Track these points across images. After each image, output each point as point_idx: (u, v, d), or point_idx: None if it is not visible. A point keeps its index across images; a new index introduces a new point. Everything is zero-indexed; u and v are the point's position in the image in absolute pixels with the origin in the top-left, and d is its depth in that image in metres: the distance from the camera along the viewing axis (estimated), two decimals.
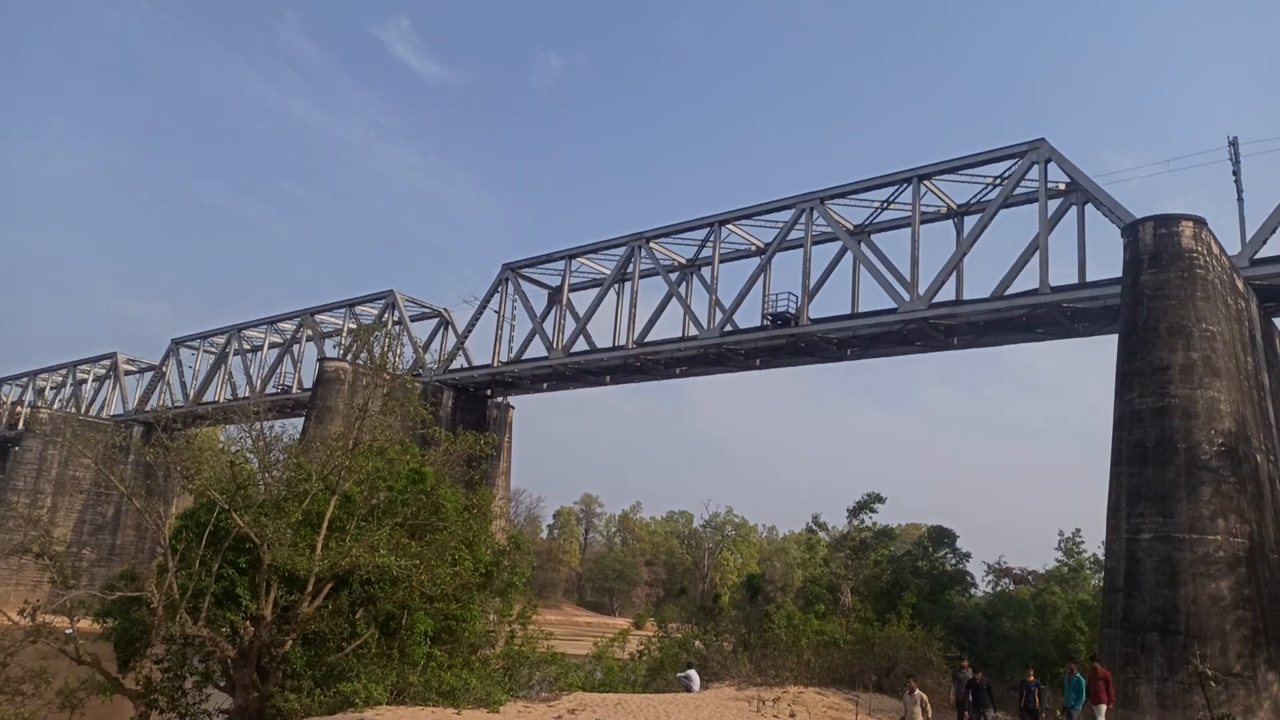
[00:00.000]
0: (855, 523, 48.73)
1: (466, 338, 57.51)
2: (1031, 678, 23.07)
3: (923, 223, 40.20)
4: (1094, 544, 44.07)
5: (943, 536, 43.75)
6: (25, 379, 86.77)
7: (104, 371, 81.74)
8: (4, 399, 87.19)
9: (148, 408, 73.80)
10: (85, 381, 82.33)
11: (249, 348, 71.08)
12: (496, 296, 54.99)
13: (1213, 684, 23.11)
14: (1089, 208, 35.89)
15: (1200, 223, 29.21)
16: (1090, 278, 35.46)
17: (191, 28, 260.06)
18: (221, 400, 67.31)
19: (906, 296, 38.40)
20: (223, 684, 19.55)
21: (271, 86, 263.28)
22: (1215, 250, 29.59)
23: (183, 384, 72.58)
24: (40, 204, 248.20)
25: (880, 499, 47.21)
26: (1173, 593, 24.82)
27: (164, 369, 75.04)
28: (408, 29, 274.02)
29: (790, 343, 43.06)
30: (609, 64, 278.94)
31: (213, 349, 73.23)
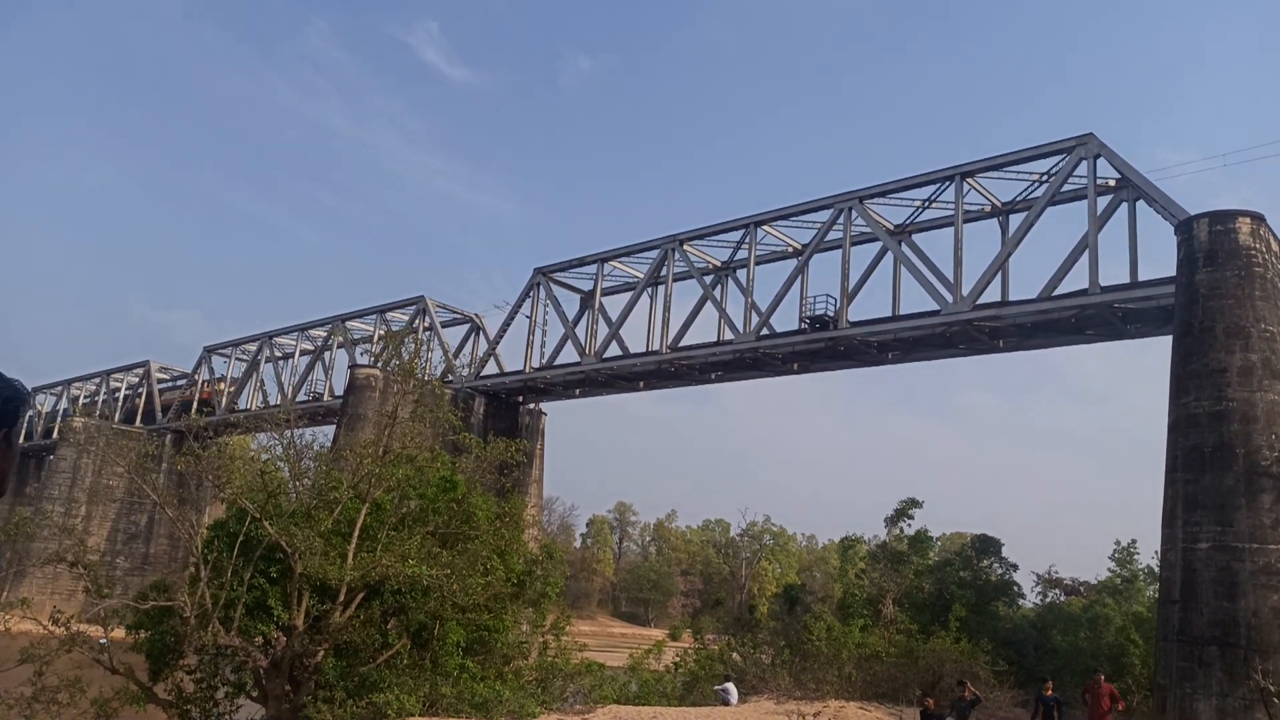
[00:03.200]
0: (894, 531, 48.30)
1: (498, 343, 57.84)
2: (1050, 692, 22.55)
3: (966, 221, 39.83)
4: (1149, 554, 43.19)
5: (987, 546, 43.17)
6: (59, 388, 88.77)
7: (137, 380, 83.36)
8: (39, 408, 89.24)
9: (182, 416, 75.16)
10: (119, 390, 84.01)
11: (280, 355, 72.13)
12: (528, 301, 55.34)
13: (1276, 700, 22.54)
14: (1140, 204, 35.28)
15: (1258, 218, 28.56)
16: (1143, 277, 34.89)
17: (221, 34, 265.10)
18: (253, 408, 68.35)
19: (949, 298, 38.03)
20: (255, 694, 19.80)
21: (300, 93, 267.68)
22: (1275, 247, 28.91)
23: (216, 391, 73.81)
24: (70, 212, 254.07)
25: (916, 503, 46.67)
26: (1232, 605, 24.24)
27: (197, 376, 76.34)
28: (436, 33, 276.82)
29: (829, 346, 42.82)
30: (639, 65, 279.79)
31: (244, 356, 74.39)
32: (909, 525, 44.18)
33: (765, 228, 46.11)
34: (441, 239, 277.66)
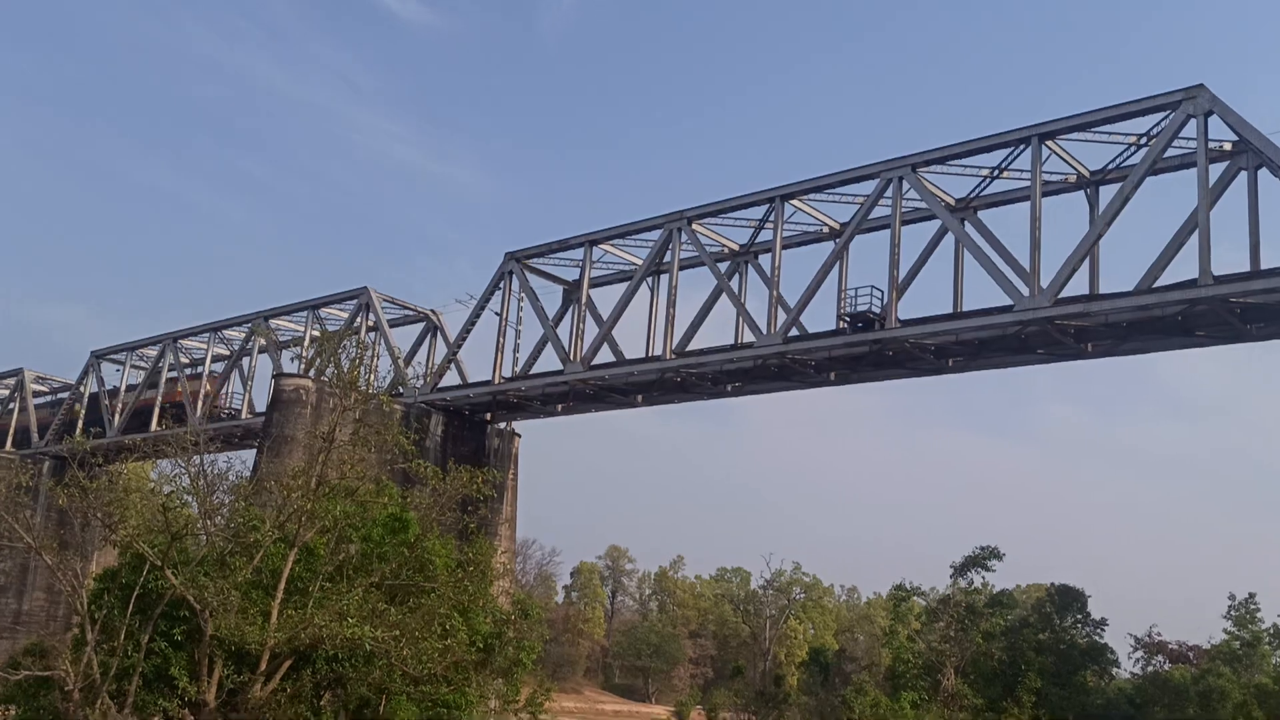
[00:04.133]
0: (961, 584, 48.22)
1: (460, 347, 57.75)
2: None
3: (1046, 195, 39.81)
4: (1276, 612, 43.24)
5: (1070, 599, 43.23)
6: None
7: (7, 392, 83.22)
8: None
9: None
10: None
11: (188, 361, 72.01)
12: (498, 294, 55.31)
13: None
14: (1263, 173, 35.32)
15: None
16: (1267, 264, 34.91)
17: None
18: (154, 428, 68.23)
19: (1025, 290, 38.06)
20: None
21: (222, 41, 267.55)
22: None
23: (106, 407, 73.62)
24: None
25: (996, 554, 46.60)
26: None
27: (82, 388, 76.20)
28: None
29: (874, 351, 42.81)
30: (634, 5, 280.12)
31: (143, 363, 74.32)
32: (981, 577, 44.22)
33: (795, 202, 46.18)
34: (395, 218, 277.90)
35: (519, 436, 60.78)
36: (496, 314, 55.38)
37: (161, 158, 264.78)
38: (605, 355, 51.33)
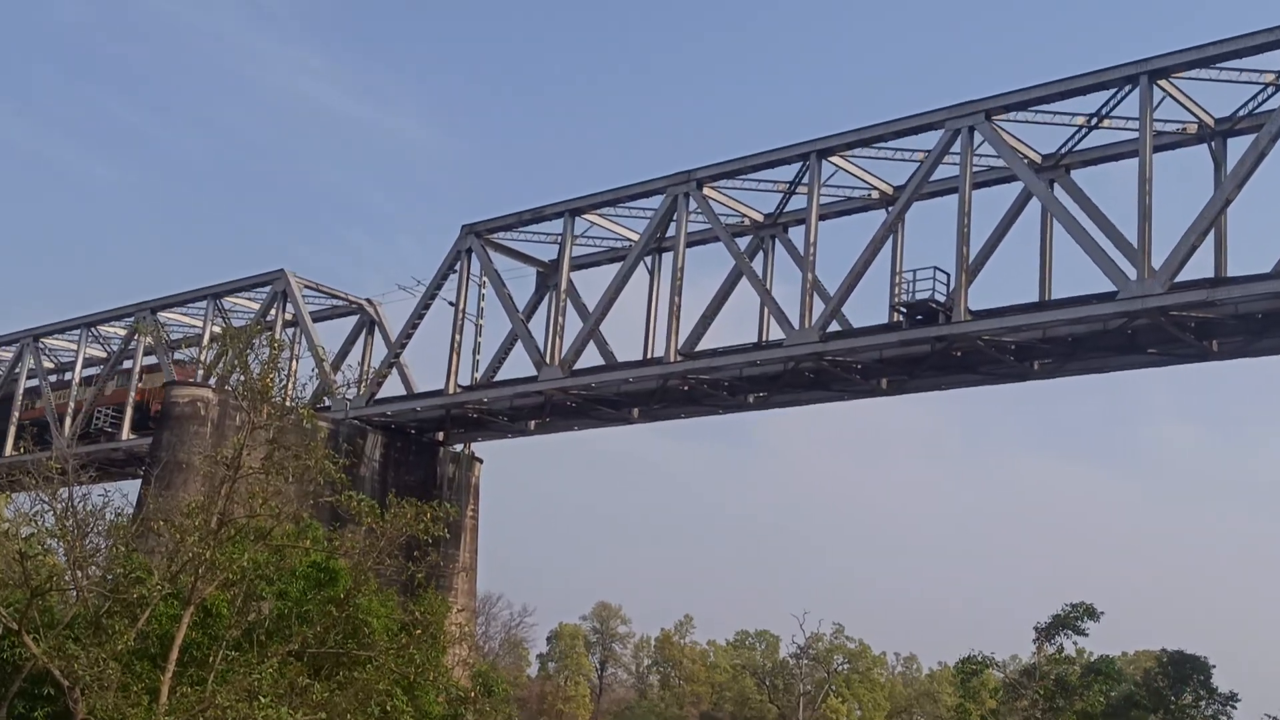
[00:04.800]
0: (1048, 651, 48.21)
1: (404, 347, 57.74)
2: None
3: (1158, 149, 39.77)
4: None
5: (1189, 669, 43.28)
6: None
7: None
8: None
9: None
10: None
11: (53, 366, 71.91)
12: (452, 279, 55.27)
13: None
14: None
15: None
16: None
17: None
18: (8, 453, 68.08)
19: (1131, 273, 38.04)
20: None
21: None
22: None
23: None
24: None
25: (1091, 613, 46.57)
26: None
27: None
28: None
29: (937, 350, 42.84)
30: None
31: None
32: (1074, 642, 44.23)
33: (835, 160, 46.14)
34: (317, 181, 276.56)
35: (480, 462, 60.76)
36: (451, 304, 55.36)
37: (3, 102, 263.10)
38: (591, 357, 51.48)
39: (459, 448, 59.74)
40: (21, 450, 65.40)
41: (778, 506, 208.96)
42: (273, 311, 60.54)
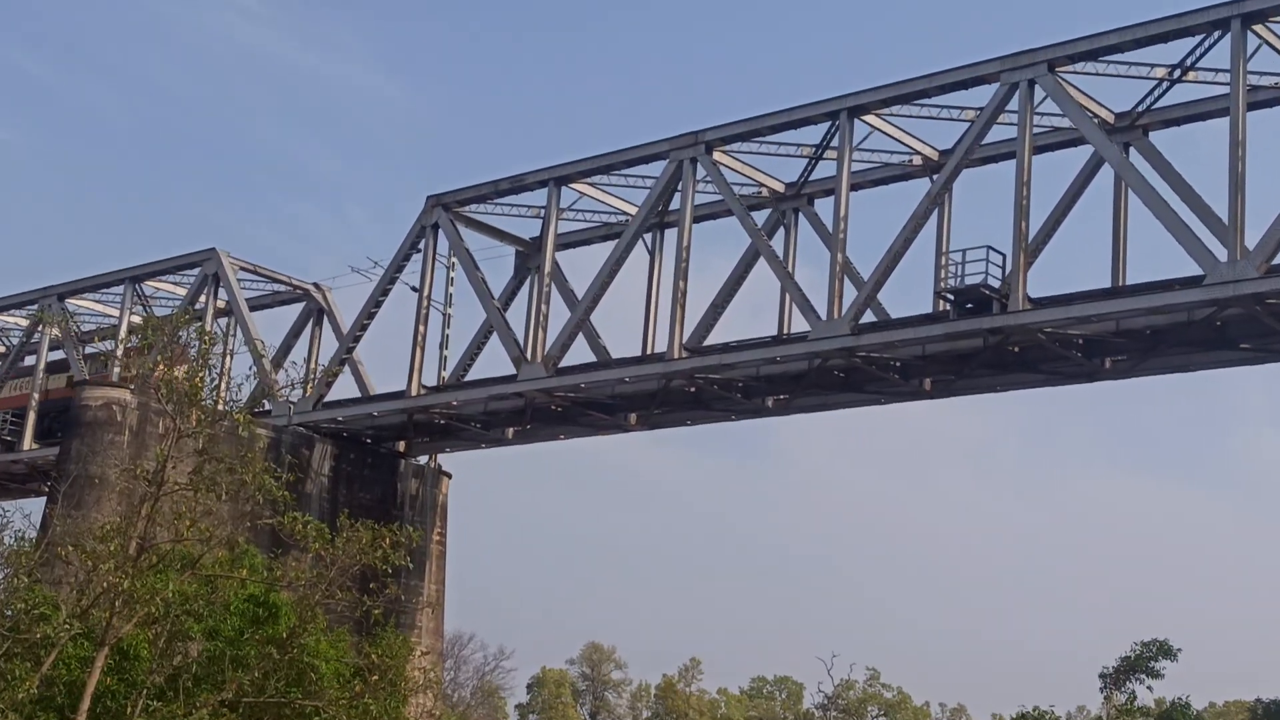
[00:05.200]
0: (1118, 700, 47.99)
1: (358, 340, 57.55)
2: None
3: (1253, 107, 39.54)
4: None
5: None
6: None
7: None
8: None
9: None
10: None
11: None
12: (416, 259, 55.08)
13: None
14: None
15: None
16: None
17: None
18: None
19: (1222, 254, 37.79)
20: None
21: None
22: None
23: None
24: None
25: (1167, 651, 46.40)
26: None
27: None
28: None
29: (990, 345, 42.52)
30: None
31: None
32: (1148, 687, 43.92)
33: (869, 119, 45.87)
34: (255, 145, 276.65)
35: (448, 477, 60.61)
36: (414, 290, 55.19)
37: None
38: (581, 353, 51.25)
39: (423, 460, 59.60)
40: None
41: (801, 530, 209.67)
42: (203, 298, 60.23)
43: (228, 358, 47.13)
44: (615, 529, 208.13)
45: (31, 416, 64.61)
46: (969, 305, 42.27)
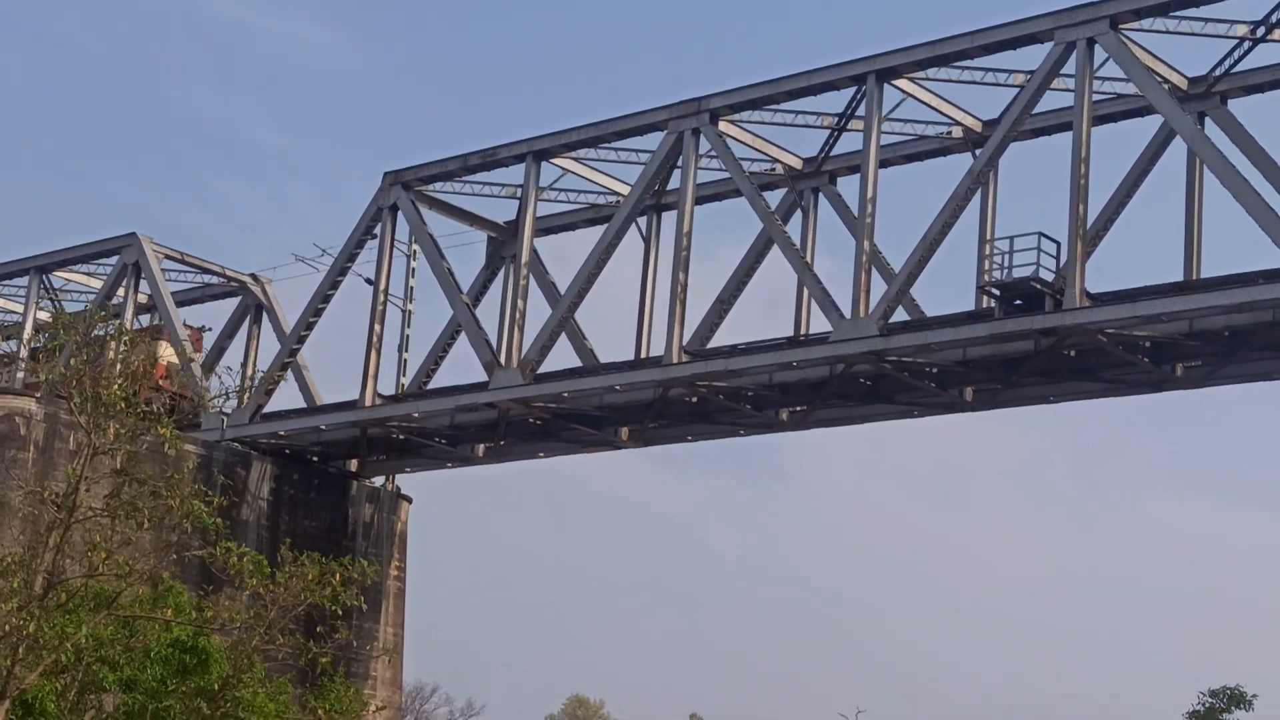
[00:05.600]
0: None
1: (304, 341, 57.56)
2: None
3: None
4: None
5: None
6: None
7: None
8: None
9: None
10: None
11: None
12: (371, 245, 55.14)
13: None
14: None
15: None
16: None
17: None
18: None
19: None
20: None
21: None
22: None
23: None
24: None
25: (1241, 700, 46.47)
26: None
27: None
28: None
29: (1043, 348, 42.53)
30: None
31: None
32: None
33: (901, 84, 45.85)
34: (182, 112, 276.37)
35: (409, 502, 60.75)
36: (369, 282, 55.24)
37: None
38: (564, 357, 51.30)
39: (379, 481, 59.64)
40: None
41: (820, 563, 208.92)
42: (121, 291, 60.12)
43: (150, 361, 46.99)
44: (604, 563, 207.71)
45: None
46: (1017, 302, 42.30)
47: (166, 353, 60.74)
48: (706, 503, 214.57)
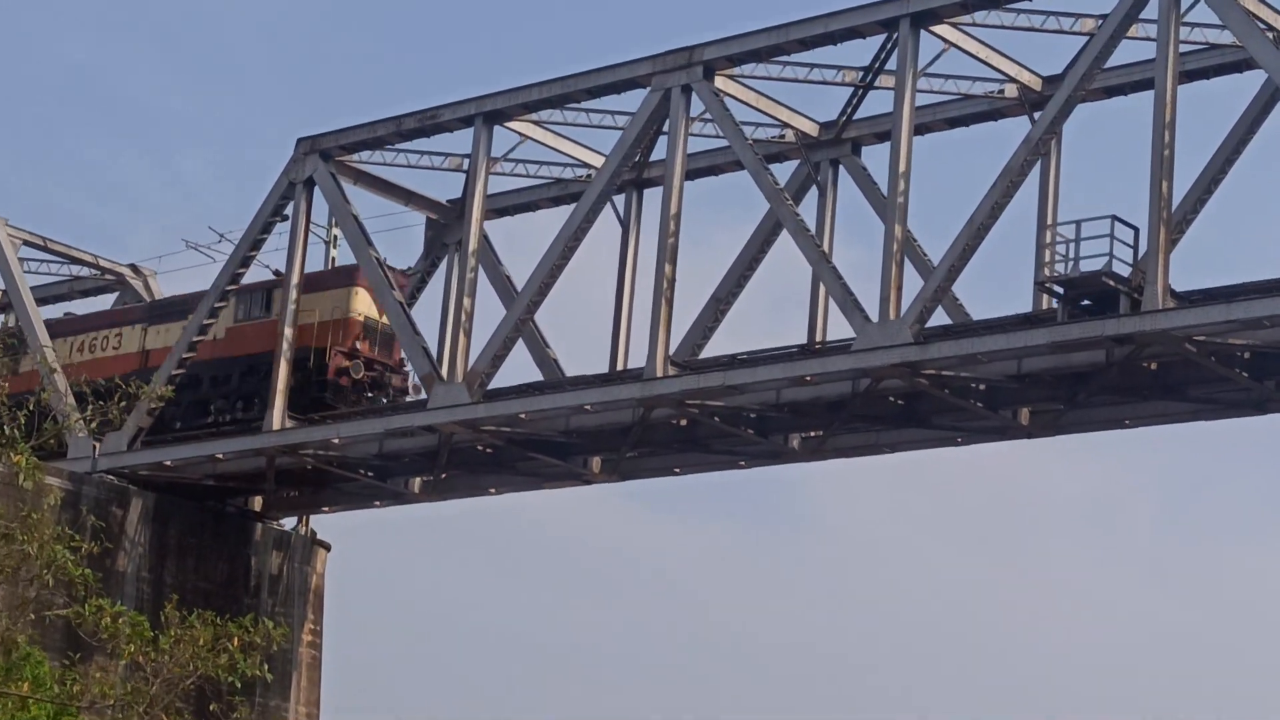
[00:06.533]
0: None
1: (197, 349, 57.18)
2: None
3: None
4: None
5: None
6: None
7: None
8: None
9: None
10: None
11: None
12: (282, 228, 55.55)
13: None
14: None
15: None
16: None
17: None
18: None
19: None
20: None
21: None
22: None
23: None
24: None
25: None
26: None
27: None
28: None
29: (1117, 360, 42.69)
30: None
31: None
32: None
33: (940, 29, 45.94)
34: (50, 66, 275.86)
35: (326, 549, 61.14)
36: (278, 275, 55.82)
37: None
38: (521, 368, 51.50)
39: (289, 524, 59.81)
40: None
41: (840, 627, 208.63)
42: None
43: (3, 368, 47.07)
44: (568, 626, 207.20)
45: None
46: (1085, 302, 42.50)
47: (362, 304, 57.50)
48: (697, 552, 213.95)
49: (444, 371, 50.63)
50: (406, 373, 56.05)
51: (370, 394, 55.61)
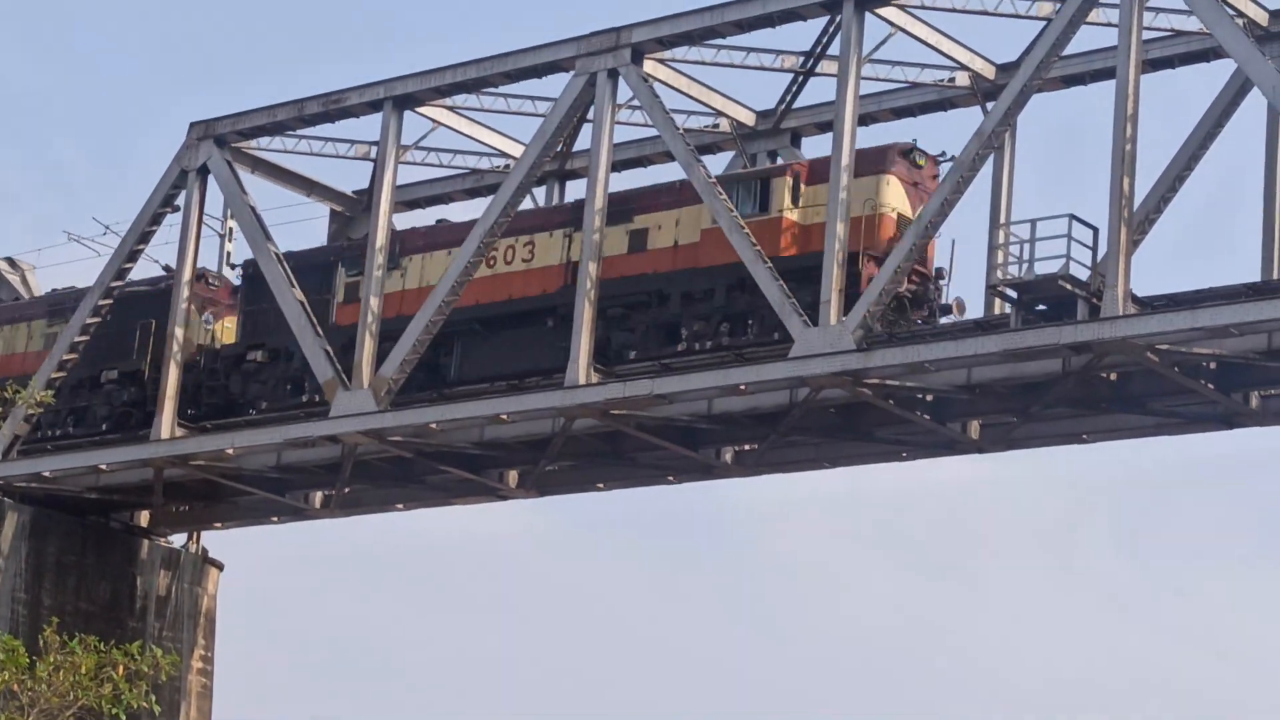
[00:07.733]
0: None
1: (79, 350, 56.98)
2: None
3: None
4: None
5: None
6: None
7: None
8: None
9: None
10: None
11: None
12: (172, 220, 55.43)
13: None
14: None
15: None
16: None
17: None
18: None
19: None
20: None
21: None
22: None
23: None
24: None
25: None
26: None
27: None
28: None
29: (1076, 370, 42.79)
30: None
31: None
32: None
33: (887, 11, 46.11)
34: None
35: (218, 569, 61.14)
36: (168, 270, 55.95)
37: None
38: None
39: (179, 541, 59.55)
40: None
41: (770, 658, 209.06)
42: None
43: None
44: (486, 652, 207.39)
45: None
46: (1040, 307, 42.82)
47: (894, 196, 50.34)
48: (625, 577, 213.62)
49: (348, 377, 50.53)
50: (943, 285, 50.77)
51: (913, 313, 49.74)
